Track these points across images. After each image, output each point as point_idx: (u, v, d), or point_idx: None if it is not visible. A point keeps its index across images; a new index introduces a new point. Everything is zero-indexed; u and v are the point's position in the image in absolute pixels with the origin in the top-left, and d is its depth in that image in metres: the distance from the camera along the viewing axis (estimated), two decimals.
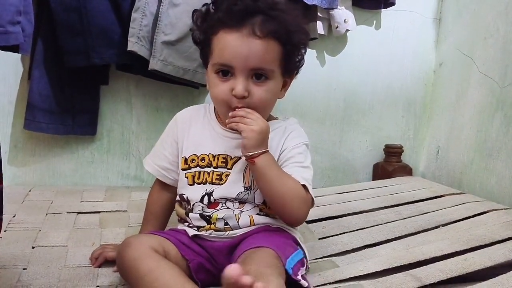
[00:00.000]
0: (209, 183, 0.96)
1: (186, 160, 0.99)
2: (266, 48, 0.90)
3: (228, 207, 0.95)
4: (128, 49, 1.40)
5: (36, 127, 1.51)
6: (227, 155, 0.96)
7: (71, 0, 1.40)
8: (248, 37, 0.89)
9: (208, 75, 0.96)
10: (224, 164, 0.96)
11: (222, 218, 0.94)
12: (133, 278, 0.83)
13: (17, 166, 1.60)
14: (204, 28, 0.96)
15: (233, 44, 0.90)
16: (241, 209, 0.95)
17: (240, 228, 0.95)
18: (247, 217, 0.95)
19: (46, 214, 1.31)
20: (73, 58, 1.45)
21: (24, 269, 0.98)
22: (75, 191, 1.53)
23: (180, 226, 1.01)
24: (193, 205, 0.97)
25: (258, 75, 0.91)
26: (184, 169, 0.99)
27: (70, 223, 1.26)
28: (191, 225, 0.97)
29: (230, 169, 0.96)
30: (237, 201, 0.95)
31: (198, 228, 0.96)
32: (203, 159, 0.97)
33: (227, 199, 0.95)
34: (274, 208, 0.94)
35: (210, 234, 0.95)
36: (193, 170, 0.98)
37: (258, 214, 0.96)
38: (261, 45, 0.89)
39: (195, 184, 0.97)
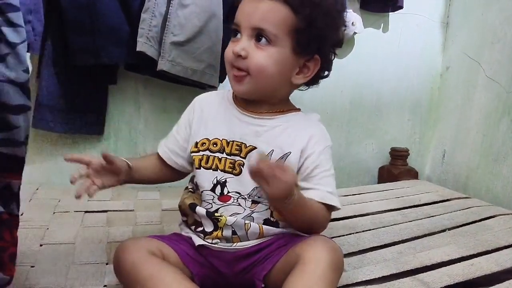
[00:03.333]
0: (221, 171, 0.90)
1: (196, 143, 0.94)
2: (272, 9, 0.85)
3: (239, 204, 0.89)
4: (137, 49, 1.40)
5: (44, 125, 1.52)
6: (242, 142, 0.91)
7: None
8: None
9: None
10: (237, 152, 0.90)
11: (230, 225, 0.88)
12: (133, 283, 0.81)
13: (24, 164, 1.61)
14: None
15: (245, 4, 0.89)
16: (253, 209, 0.89)
17: (249, 240, 0.90)
18: (257, 227, 0.89)
19: (54, 212, 1.31)
20: (82, 57, 1.45)
21: (32, 266, 0.99)
22: None
23: (185, 232, 0.96)
24: (202, 192, 0.92)
25: (259, 37, 0.87)
26: (192, 152, 0.94)
27: (77, 222, 1.26)
28: (198, 229, 0.92)
29: (244, 158, 0.90)
30: (250, 200, 0.89)
31: (205, 235, 0.90)
32: (215, 143, 0.92)
33: (240, 195, 0.89)
34: (298, 230, 0.92)
35: (216, 244, 0.90)
36: (201, 153, 0.92)
37: (268, 219, 0.90)
38: (268, 5, 0.86)
39: (201, 168, 0.92)
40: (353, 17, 1.76)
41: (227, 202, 0.90)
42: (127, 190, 1.57)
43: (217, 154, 0.91)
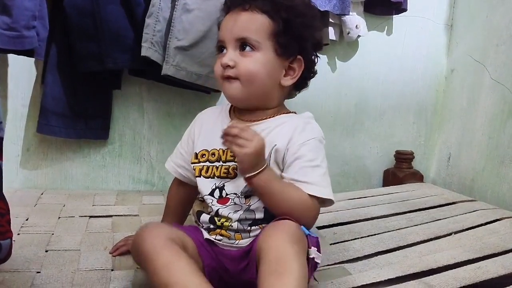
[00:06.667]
0: (217, 177, 0.96)
1: (196, 155, 0.99)
2: (251, 19, 0.93)
3: (235, 203, 0.93)
4: (142, 54, 1.41)
5: (49, 130, 1.52)
6: None
7: (86, 4, 1.40)
8: (237, 12, 0.94)
9: None
10: (232, 158, 0.94)
11: (234, 230, 0.93)
12: (150, 268, 0.81)
13: (29, 170, 1.61)
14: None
15: (226, 21, 0.96)
16: (248, 203, 0.93)
17: (250, 237, 0.93)
18: (258, 230, 0.93)
19: (59, 217, 1.32)
20: (87, 62, 1.46)
21: (37, 272, 0.99)
22: (87, 195, 1.54)
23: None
24: (203, 197, 0.96)
25: (243, 46, 0.93)
26: (193, 163, 0.99)
27: (82, 227, 1.26)
28: (204, 227, 0.97)
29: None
30: (243, 196, 0.93)
31: (209, 231, 0.95)
32: (213, 153, 0.97)
33: (236, 195, 0.93)
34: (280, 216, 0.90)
35: (220, 240, 0.94)
36: (201, 164, 0.98)
37: (266, 209, 0.92)
38: (246, 16, 0.93)
39: (201, 176, 0.97)
40: (357, 20, 1.76)
41: (226, 204, 0.94)
42: (131, 195, 1.58)
43: (215, 164, 0.96)
